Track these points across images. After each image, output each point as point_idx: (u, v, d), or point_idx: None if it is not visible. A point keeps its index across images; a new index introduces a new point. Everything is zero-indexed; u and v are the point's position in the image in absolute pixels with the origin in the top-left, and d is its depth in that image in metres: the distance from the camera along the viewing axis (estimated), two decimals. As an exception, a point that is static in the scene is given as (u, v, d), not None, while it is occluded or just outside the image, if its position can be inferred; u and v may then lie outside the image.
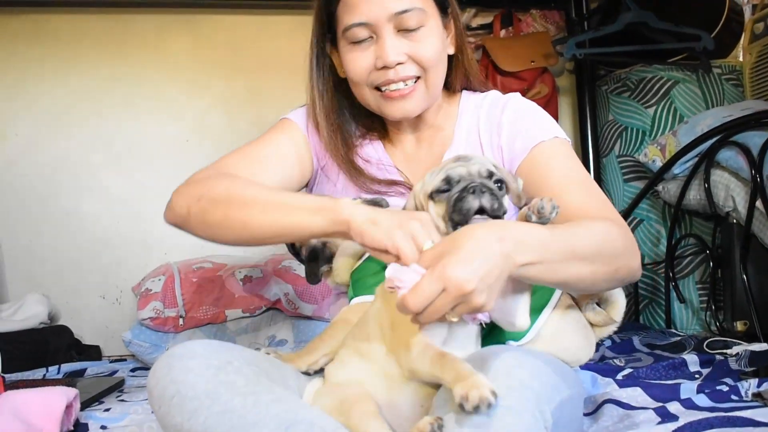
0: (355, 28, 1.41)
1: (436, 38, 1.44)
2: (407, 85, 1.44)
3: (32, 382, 1.98)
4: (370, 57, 1.42)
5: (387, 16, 1.38)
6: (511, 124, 1.49)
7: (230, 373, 1.08)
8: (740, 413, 1.34)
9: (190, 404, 1.04)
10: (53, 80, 3.00)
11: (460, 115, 1.57)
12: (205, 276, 2.40)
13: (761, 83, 2.88)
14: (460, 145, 1.53)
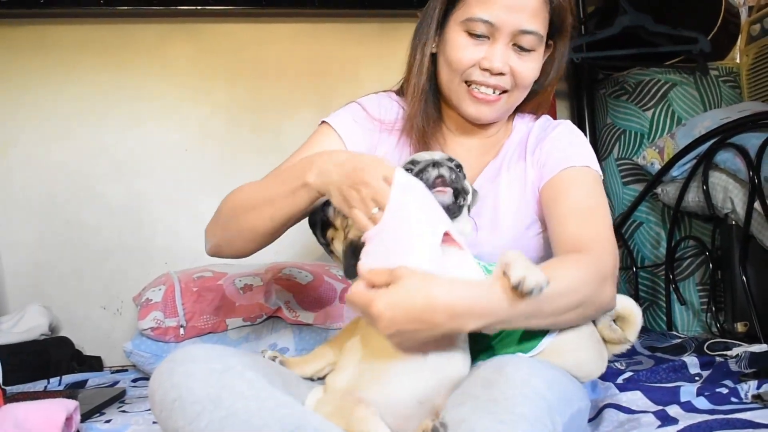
0: (479, 22, 1.44)
1: (538, 64, 1.51)
2: (495, 94, 1.50)
3: (33, 394, 1.98)
4: (479, 53, 1.46)
5: (513, 28, 1.43)
6: (553, 141, 1.54)
7: (233, 377, 1.08)
8: (740, 415, 1.34)
9: (191, 408, 1.05)
10: (55, 90, 3.00)
11: (513, 132, 1.64)
12: (205, 285, 2.40)
13: (758, 85, 2.88)
14: (505, 158, 1.59)
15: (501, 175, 1.57)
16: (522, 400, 0.99)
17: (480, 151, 1.63)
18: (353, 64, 3.15)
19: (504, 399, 0.98)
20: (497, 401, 0.98)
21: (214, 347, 1.17)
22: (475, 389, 1.01)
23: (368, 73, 3.14)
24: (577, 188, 1.46)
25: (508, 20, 1.42)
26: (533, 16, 1.44)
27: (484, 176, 1.58)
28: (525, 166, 1.56)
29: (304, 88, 3.14)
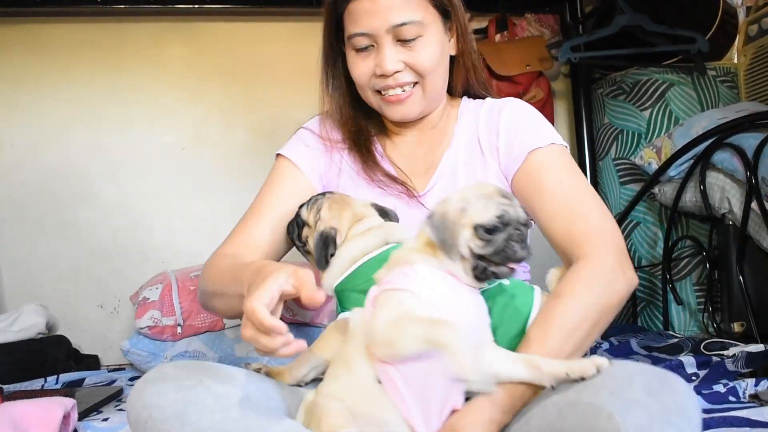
0: (357, 37, 1.48)
1: (433, 46, 1.50)
2: (404, 91, 1.51)
3: (30, 393, 1.98)
4: (371, 64, 1.50)
5: (386, 28, 1.45)
6: (508, 127, 1.52)
7: (200, 392, 1.09)
8: (737, 413, 1.35)
9: (161, 427, 1.06)
10: (50, 90, 3.00)
11: (460, 117, 1.62)
12: (202, 284, 2.40)
13: (756, 85, 2.89)
14: (459, 147, 1.58)
15: (458, 170, 1.56)
16: (693, 411, 1.00)
17: (430, 143, 1.62)
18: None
19: (678, 408, 0.98)
20: (671, 410, 0.98)
21: (188, 364, 1.19)
22: (636, 394, 0.99)
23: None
24: (552, 173, 1.44)
25: (377, 24, 1.45)
26: (402, 8, 1.45)
27: (442, 169, 1.57)
28: (484, 161, 1.54)
29: (299, 88, 3.13)
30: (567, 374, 1.07)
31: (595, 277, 1.27)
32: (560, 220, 1.38)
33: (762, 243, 2.25)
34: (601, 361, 1.07)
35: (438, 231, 1.12)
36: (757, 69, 2.89)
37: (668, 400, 0.97)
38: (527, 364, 1.11)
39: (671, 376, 1.03)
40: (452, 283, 1.14)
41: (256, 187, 3.12)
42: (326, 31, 1.60)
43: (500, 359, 1.13)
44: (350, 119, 1.64)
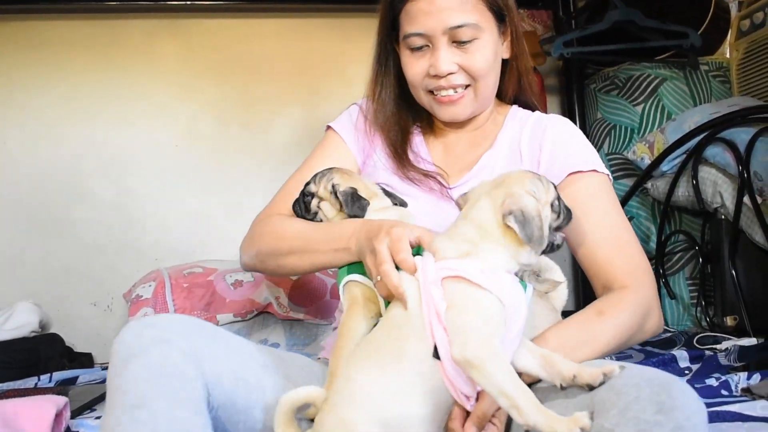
0: (413, 37, 1.49)
1: (488, 50, 1.51)
2: (457, 92, 1.53)
3: (23, 391, 1.97)
4: (425, 64, 1.51)
5: (442, 29, 1.46)
6: (553, 144, 1.54)
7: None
8: (729, 407, 1.35)
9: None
10: (42, 87, 2.99)
11: (506, 124, 1.64)
12: (195, 281, 2.40)
13: (748, 80, 2.89)
14: (501, 151, 1.59)
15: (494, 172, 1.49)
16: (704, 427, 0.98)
17: (473, 143, 1.64)
18: (341, 60, 3.15)
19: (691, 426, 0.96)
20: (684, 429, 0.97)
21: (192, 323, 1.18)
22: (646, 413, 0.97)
23: (356, 69, 3.10)
24: (601, 200, 1.48)
25: (434, 25, 1.46)
26: (459, 10, 1.46)
27: (479, 169, 1.58)
28: (522, 164, 1.56)
29: (292, 84, 3.14)
30: (575, 377, 1.07)
31: (637, 306, 1.34)
32: (606, 248, 1.42)
33: (754, 237, 2.25)
34: (610, 368, 1.06)
35: (525, 227, 1.11)
36: (749, 64, 2.89)
37: (679, 415, 0.95)
38: (544, 360, 1.11)
39: (676, 382, 1.01)
40: (515, 283, 1.14)
41: (249, 183, 3.14)
42: (381, 29, 1.61)
43: (521, 349, 1.12)
44: (391, 120, 1.65)
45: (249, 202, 3.02)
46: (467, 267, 1.10)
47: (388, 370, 1.08)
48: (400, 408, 1.06)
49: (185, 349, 1.09)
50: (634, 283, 1.37)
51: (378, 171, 1.63)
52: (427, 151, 1.65)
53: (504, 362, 1.03)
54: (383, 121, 1.64)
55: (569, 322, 1.28)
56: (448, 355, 1.06)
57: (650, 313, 1.36)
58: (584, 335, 1.25)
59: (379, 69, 1.65)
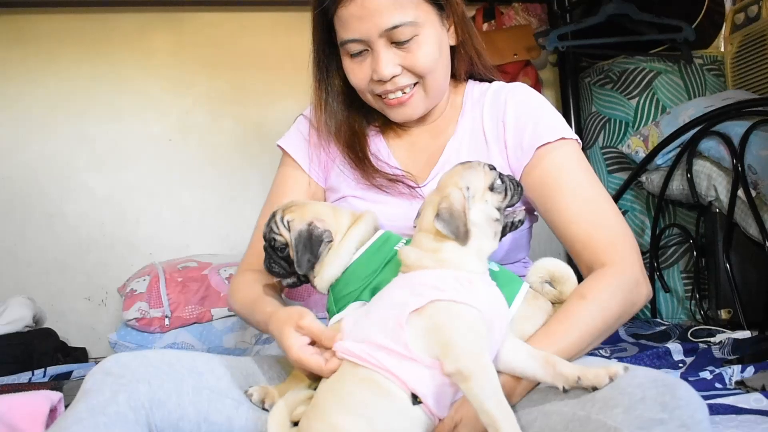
0: (349, 43, 1.41)
1: (430, 45, 1.42)
2: (405, 93, 1.45)
3: (18, 386, 1.97)
4: (367, 69, 1.43)
5: (378, 32, 1.37)
6: (516, 119, 1.47)
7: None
8: (723, 400, 1.35)
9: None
10: (34, 81, 2.98)
11: (465, 106, 1.56)
12: (190, 275, 2.39)
13: (742, 73, 2.89)
14: (463, 137, 1.52)
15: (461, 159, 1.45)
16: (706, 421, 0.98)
17: (434, 133, 1.57)
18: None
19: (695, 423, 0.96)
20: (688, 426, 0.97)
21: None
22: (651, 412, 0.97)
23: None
24: (570, 173, 1.40)
25: (369, 28, 1.37)
26: (393, 9, 1.36)
27: (445, 159, 1.51)
28: (488, 153, 1.48)
29: (285, 78, 3.13)
30: (579, 379, 1.05)
31: (621, 286, 1.28)
32: (582, 224, 1.36)
33: (748, 230, 2.26)
34: (615, 369, 1.05)
35: (449, 224, 1.12)
36: (743, 57, 2.89)
37: (683, 414, 0.95)
38: (543, 361, 1.09)
39: (680, 383, 1.00)
40: (489, 287, 1.14)
41: (243, 177, 3.12)
42: (316, 34, 1.52)
43: (519, 352, 1.11)
44: (345, 125, 1.56)
45: (243, 196, 3.02)
46: (442, 284, 1.09)
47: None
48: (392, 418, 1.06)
49: (139, 393, 1.12)
50: (616, 258, 1.31)
51: (342, 184, 1.55)
52: (390, 152, 1.57)
53: (493, 378, 1.02)
54: (336, 129, 1.55)
55: (554, 315, 1.25)
56: (430, 391, 1.06)
57: (637, 285, 1.31)
58: (569, 323, 1.21)
59: (321, 75, 1.55)
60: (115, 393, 1.11)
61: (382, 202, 1.48)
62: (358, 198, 1.51)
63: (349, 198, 1.51)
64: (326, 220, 1.33)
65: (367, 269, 1.28)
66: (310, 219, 1.31)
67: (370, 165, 1.52)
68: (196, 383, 1.20)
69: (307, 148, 1.59)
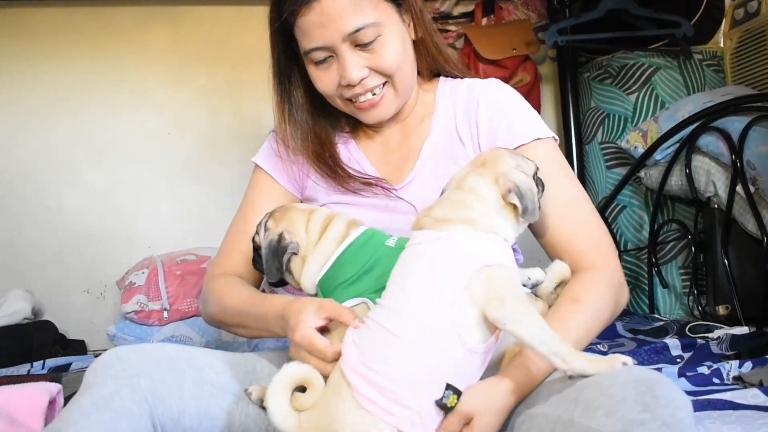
0: (313, 52, 1.40)
1: (394, 43, 1.41)
2: (375, 94, 1.43)
3: (16, 378, 1.97)
4: (335, 74, 1.41)
5: (341, 37, 1.36)
6: (489, 120, 1.45)
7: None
8: (720, 396, 1.36)
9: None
10: (32, 75, 2.98)
11: (437, 103, 1.54)
12: (188, 268, 2.40)
13: (742, 69, 2.90)
14: (438, 136, 1.51)
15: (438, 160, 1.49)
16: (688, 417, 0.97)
17: (407, 133, 1.55)
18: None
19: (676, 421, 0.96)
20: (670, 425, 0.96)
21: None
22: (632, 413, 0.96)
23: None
24: (546, 178, 1.33)
25: (331, 35, 1.36)
26: (353, 12, 1.35)
27: (422, 160, 1.50)
28: (465, 152, 1.47)
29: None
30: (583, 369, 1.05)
31: (610, 290, 1.30)
32: (564, 227, 1.35)
33: (747, 226, 2.26)
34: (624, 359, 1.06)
35: (523, 201, 1.15)
36: (743, 53, 2.89)
37: (664, 413, 0.95)
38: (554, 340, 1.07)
39: (661, 380, 1.00)
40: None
41: (240, 171, 3.12)
42: (275, 46, 1.52)
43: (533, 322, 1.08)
44: (311, 136, 1.54)
45: (240, 190, 2.98)
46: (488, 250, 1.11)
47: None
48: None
49: (141, 388, 1.12)
50: (600, 261, 1.31)
51: (318, 194, 1.53)
52: (363, 156, 1.55)
53: (537, 316, 1.05)
54: (302, 140, 1.53)
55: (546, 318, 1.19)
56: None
57: (621, 286, 1.33)
58: (565, 327, 1.19)
59: (283, 88, 1.55)
60: (119, 387, 1.11)
61: (361, 204, 1.47)
62: (336, 204, 1.49)
63: (330, 205, 1.50)
64: (296, 232, 1.34)
65: (354, 264, 1.28)
66: (281, 229, 1.33)
67: (344, 172, 1.50)
68: (196, 377, 1.20)
69: (280, 162, 1.57)
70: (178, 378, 1.17)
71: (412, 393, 1.03)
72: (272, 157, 1.59)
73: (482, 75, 3.00)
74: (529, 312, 1.05)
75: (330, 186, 1.51)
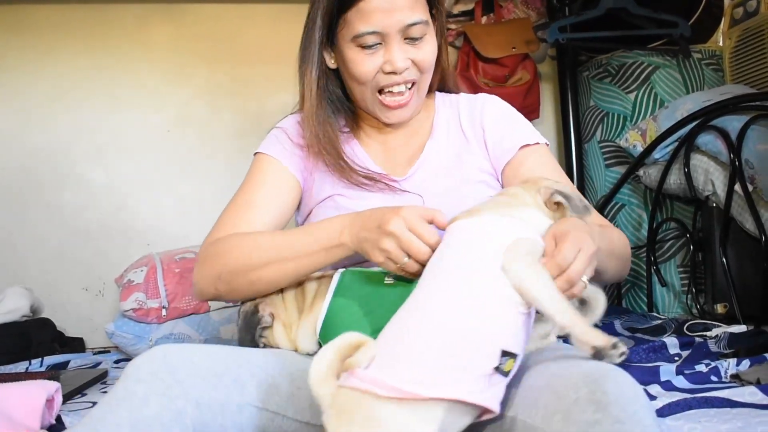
0: (367, 35, 1.47)
1: (433, 44, 1.55)
2: (408, 88, 1.54)
3: (15, 376, 1.97)
4: (378, 61, 1.50)
5: (399, 27, 1.47)
6: (495, 123, 1.61)
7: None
8: (718, 393, 1.36)
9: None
10: (33, 72, 2.98)
11: (438, 110, 1.67)
12: (187, 266, 2.39)
13: (741, 68, 2.90)
14: (441, 137, 1.62)
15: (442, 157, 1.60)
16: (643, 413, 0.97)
17: (410, 134, 1.65)
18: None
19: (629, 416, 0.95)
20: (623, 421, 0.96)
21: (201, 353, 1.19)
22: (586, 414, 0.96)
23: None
24: (549, 168, 1.56)
25: (390, 23, 1.46)
26: (412, 7, 1.47)
27: (425, 157, 1.60)
28: (469, 148, 1.60)
29: (284, 70, 3.06)
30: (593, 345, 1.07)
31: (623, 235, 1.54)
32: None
33: (745, 225, 2.26)
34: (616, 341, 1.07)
35: (572, 198, 1.23)
36: (741, 52, 2.89)
37: (615, 409, 0.95)
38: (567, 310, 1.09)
39: (609, 374, 1.01)
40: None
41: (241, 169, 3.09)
42: (315, 34, 1.58)
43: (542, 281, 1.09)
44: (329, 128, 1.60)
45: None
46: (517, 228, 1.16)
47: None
48: None
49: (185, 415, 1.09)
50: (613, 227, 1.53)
51: (325, 186, 1.58)
52: (367, 155, 1.62)
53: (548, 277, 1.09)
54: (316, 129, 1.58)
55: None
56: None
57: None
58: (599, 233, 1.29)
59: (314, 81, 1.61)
60: (162, 408, 1.07)
61: (365, 198, 1.53)
62: (342, 196, 1.55)
63: (335, 197, 1.55)
64: (271, 303, 1.41)
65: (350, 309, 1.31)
66: (259, 300, 1.41)
67: (347, 166, 1.57)
68: (240, 400, 1.17)
69: (288, 153, 1.62)
70: (223, 402, 1.14)
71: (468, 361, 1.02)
72: (278, 146, 1.63)
73: (482, 73, 3.00)
74: (540, 272, 1.08)
75: (336, 179, 1.57)
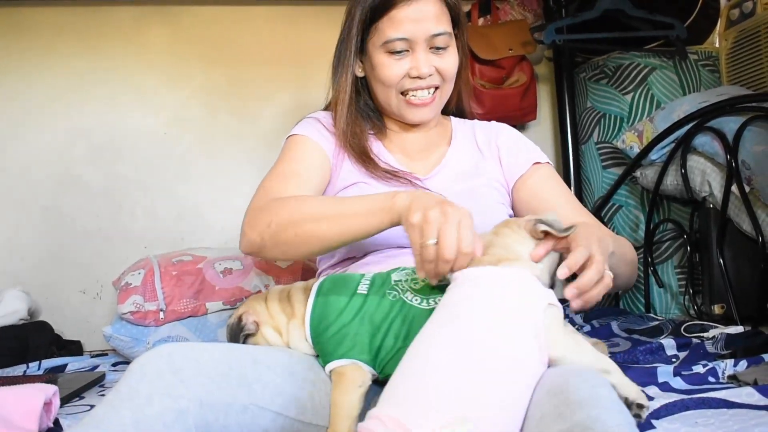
0: (396, 41, 1.64)
1: (456, 56, 1.72)
2: (431, 94, 1.70)
3: (12, 379, 1.97)
4: (405, 66, 1.66)
5: (426, 36, 1.63)
6: (509, 142, 1.82)
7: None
8: (715, 394, 1.36)
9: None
10: (30, 74, 2.97)
11: (455, 127, 1.88)
12: (184, 269, 2.39)
13: (737, 69, 2.90)
14: (460, 147, 1.82)
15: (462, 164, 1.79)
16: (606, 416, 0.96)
17: (431, 141, 1.83)
18: (331, 48, 3.07)
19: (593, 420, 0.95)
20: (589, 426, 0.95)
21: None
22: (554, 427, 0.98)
23: (348, 57, 3.13)
24: (559, 189, 1.76)
25: (418, 31, 1.62)
26: (438, 19, 1.64)
27: (447, 159, 1.79)
28: (485, 162, 1.79)
29: (282, 72, 3.13)
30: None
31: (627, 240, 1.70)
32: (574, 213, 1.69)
33: (742, 226, 2.26)
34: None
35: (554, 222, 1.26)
36: (738, 53, 2.90)
37: (579, 417, 0.96)
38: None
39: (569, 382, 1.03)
40: None
41: (238, 171, 3.11)
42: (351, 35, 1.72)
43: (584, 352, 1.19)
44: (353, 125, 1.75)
45: (238, 190, 3.02)
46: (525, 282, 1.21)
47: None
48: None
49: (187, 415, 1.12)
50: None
51: (352, 174, 1.72)
52: (391, 156, 1.78)
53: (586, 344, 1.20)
54: (345, 127, 1.74)
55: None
56: None
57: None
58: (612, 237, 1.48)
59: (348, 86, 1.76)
60: (164, 409, 1.10)
61: (390, 189, 1.64)
62: (367, 184, 1.68)
63: (360, 184, 1.68)
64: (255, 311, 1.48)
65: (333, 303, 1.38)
66: (242, 311, 1.48)
67: (372, 162, 1.72)
68: (245, 400, 1.20)
69: (321, 137, 1.75)
70: (228, 403, 1.17)
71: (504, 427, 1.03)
72: (311, 128, 1.77)
73: (479, 75, 3.00)
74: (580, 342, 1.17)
75: (362, 172, 1.71)
